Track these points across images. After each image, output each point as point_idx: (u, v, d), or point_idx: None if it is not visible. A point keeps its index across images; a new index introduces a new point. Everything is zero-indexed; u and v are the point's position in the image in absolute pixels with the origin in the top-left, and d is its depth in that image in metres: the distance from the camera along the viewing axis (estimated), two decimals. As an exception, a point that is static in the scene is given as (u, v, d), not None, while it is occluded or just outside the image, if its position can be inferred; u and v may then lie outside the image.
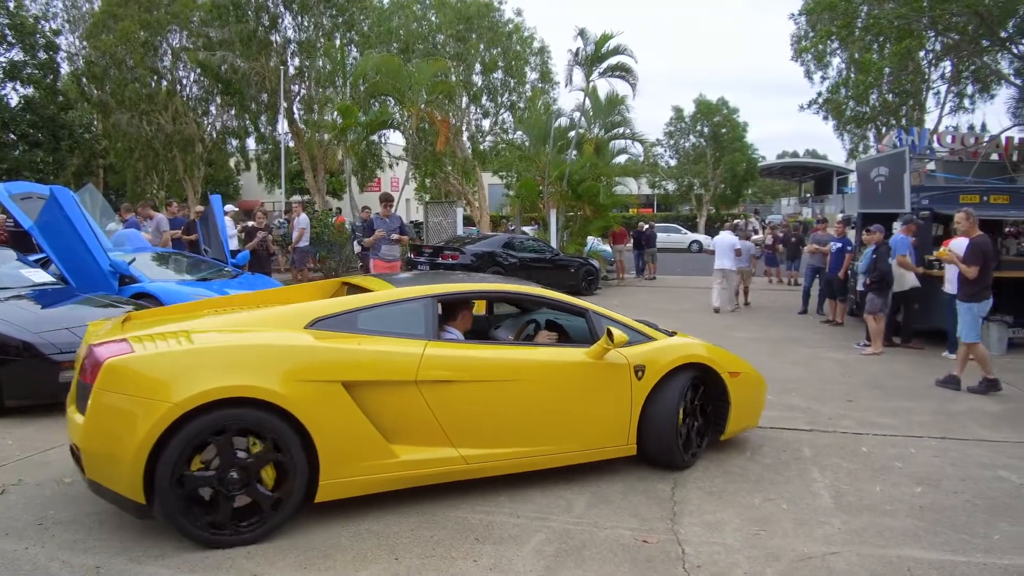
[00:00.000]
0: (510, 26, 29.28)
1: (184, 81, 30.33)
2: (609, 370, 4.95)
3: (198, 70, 28.03)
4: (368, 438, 4.18)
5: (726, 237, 15.17)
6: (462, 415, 4.48)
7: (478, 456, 4.53)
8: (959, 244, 9.13)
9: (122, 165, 32.01)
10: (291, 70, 26.12)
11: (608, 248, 22.73)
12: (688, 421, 5.25)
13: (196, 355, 3.89)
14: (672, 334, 5.61)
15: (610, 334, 4.81)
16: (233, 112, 30.23)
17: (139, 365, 3.79)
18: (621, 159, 23.69)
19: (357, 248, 15.53)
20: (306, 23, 26.12)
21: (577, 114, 22.45)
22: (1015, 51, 17.23)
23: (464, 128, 28.56)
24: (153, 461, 3.67)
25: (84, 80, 30.38)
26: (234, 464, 3.84)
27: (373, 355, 4.29)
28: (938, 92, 24.91)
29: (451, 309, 5.08)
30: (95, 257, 8.72)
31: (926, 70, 23.56)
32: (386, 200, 11.00)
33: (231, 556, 3.75)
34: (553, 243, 19.29)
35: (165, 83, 29.67)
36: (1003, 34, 16.41)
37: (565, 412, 4.83)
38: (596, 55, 20.69)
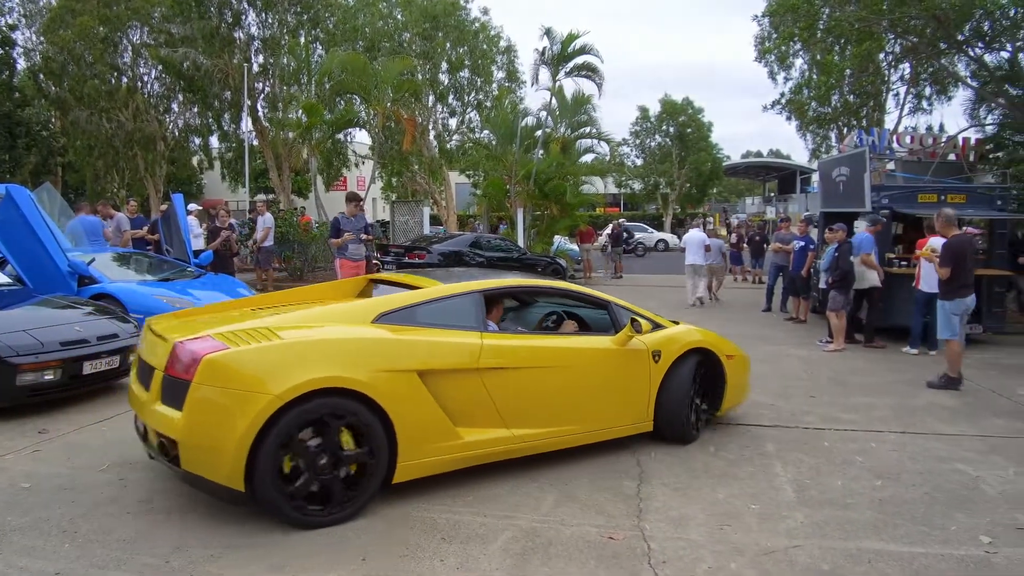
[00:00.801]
0: (476, 25, 29.27)
1: (145, 78, 29.80)
2: (632, 355, 5.49)
3: (159, 67, 27.53)
4: (438, 422, 4.53)
5: (695, 234, 15.64)
6: (513, 398, 4.89)
7: (527, 435, 4.97)
8: (938, 243, 9.38)
9: (81, 163, 31.39)
10: (255, 67, 25.79)
11: (575, 247, 22.83)
12: (695, 399, 5.84)
13: (288, 350, 4.16)
14: (676, 323, 6.13)
15: (635, 323, 5.37)
16: (196, 110, 29.76)
17: (237, 360, 4.01)
18: (587, 158, 23.83)
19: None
20: (270, 20, 25.80)
21: (544, 113, 22.53)
22: (971, 54, 17.60)
23: (431, 127, 28.48)
24: (252, 450, 3.89)
25: (41, 76, 29.72)
26: (326, 450, 4.11)
27: (442, 346, 4.68)
28: (897, 93, 25.36)
29: (488, 303, 5.31)
30: (53, 258, 8.54)
31: (886, 72, 23.95)
32: (353, 199, 10.92)
33: (194, 560, 3.70)
34: (520, 242, 19.31)
35: (125, 80, 29.11)
36: (960, 37, 16.74)
37: (596, 393, 5.34)
38: (562, 54, 20.77)
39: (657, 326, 5.84)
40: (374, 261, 15.03)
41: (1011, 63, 17.20)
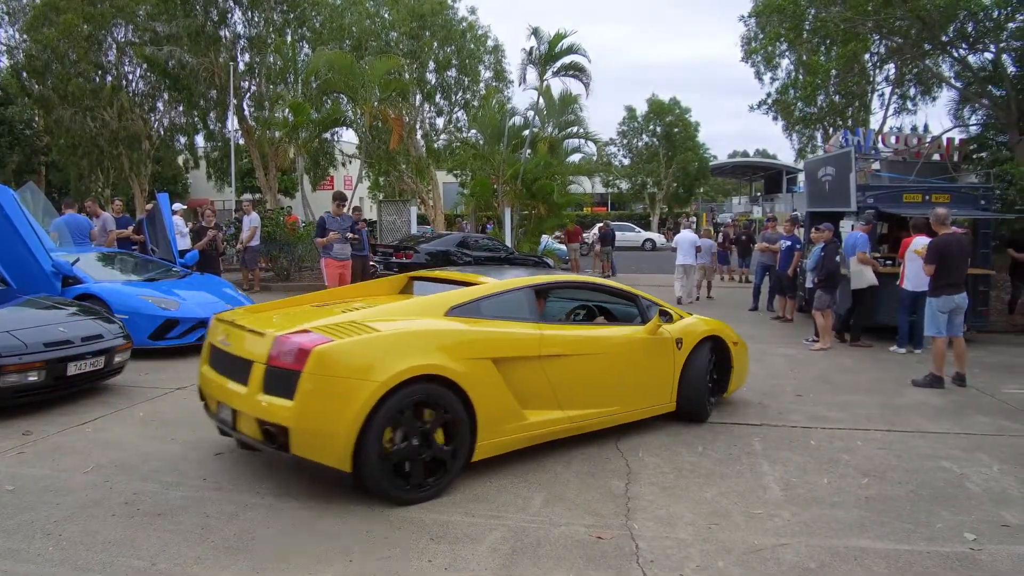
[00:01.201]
0: (464, 24, 29.22)
1: (130, 76, 29.55)
2: (661, 343, 6.12)
3: (144, 65, 27.30)
4: (509, 405, 5.01)
5: (687, 235, 15.89)
6: (567, 383, 5.40)
7: (577, 416, 5.48)
8: (921, 242, 9.48)
9: (65, 162, 31.11)
10: (241, 66, 25.63)
11: (563, 247, 22.84)
12: (709, 382, 6.51)
13: (387, 341, 4.56)
14: (691, 315, 6.74)
15: (664, 315, 6.04)
16: (181, 108, 29.52)
17: (344, 351, 4.36)
18: (575, 158, 23.85)
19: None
20: (256, 18, 25.65)
21: (531, 113, 22.53)
22: (955, 55, 17.73)
23: (418, 126, 28.41)
24: (359, 434, 4.24)
25: (24, 74, 29.41)
26: (419, 432, 4.49)
27: (510, 336, 5.19)
28: (882, 94, 25.53)
29: (536, 296, 5.75)
30: (36, 257, 8.46)
31: (871, 72, 24.10)
32: (339, 199, 10.88)
33: (181, 562, 3.67)
34: (508, 242, 19.30)
35: (110, 78, 28.84)
36: (944, 39, 16.86)
37: (633, 377, 5.95)
38: (550, 54, 20.77)
39: (679, 316, 6.48)
40: (371, 262, 14.99)
41: (994, 64, 17.36)
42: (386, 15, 28.15)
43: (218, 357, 4.98)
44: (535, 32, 20.84)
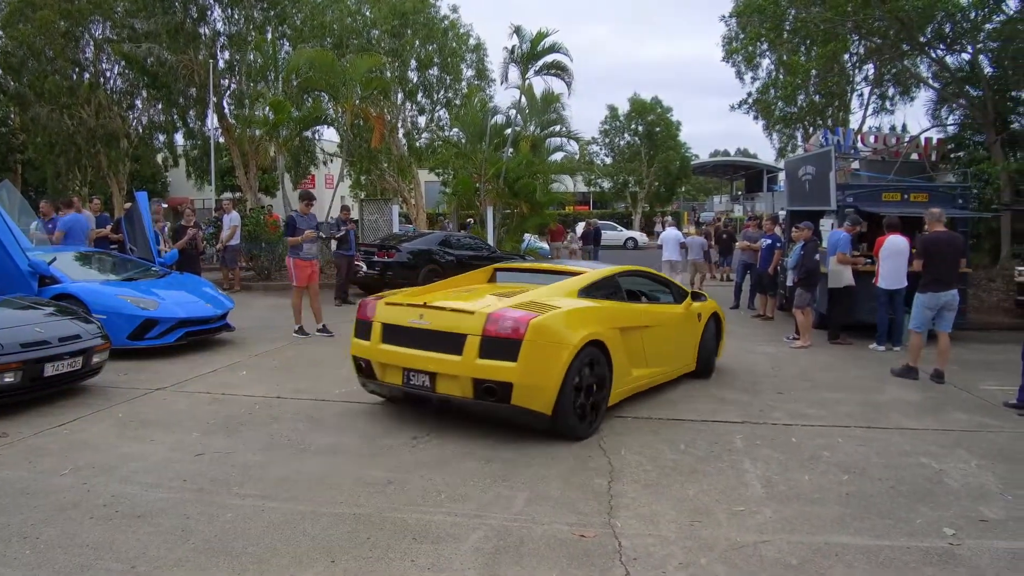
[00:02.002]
0: (446, 22, 29.07)
1: (108, 74, 29.13)
2: (692, 317, 7.94)
3: (122, 63, 26.96)
4: (626, 363, 6.47)
5: (672, 232, 16.66)
6: (650, 347, 6.93)
7: (653, 373, 7.12)
8: (893, 242, 9.71)
9: (42, 161, 30.62)
10: (221, 64, 25.36)
11: (545, 245, 22.84)
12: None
13: (569, 315, 5.92)
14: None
15: (697, 296, 8.32)
16: (160, 106, 29.12)
17: (549, 322, 5.65)
18: (557, 157, 23.86)
19: (333, 246, 15.22)
20: (236, 16, 25.36)
21: (513, 112, 22.49)
22: (933, 56, 17.90)
23: (400, 125, 28.27)
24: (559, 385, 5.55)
25: (0, 71, 28.97)
26: (587, 384, 5.85)
27: (628, 309, 6.88)
28: (861, 94, 25.68)
29: None
30: (12, 257, 8.35)
31: (850, 72, 24.24)
32: (307, 198, 10.85)
33: (160, 565, 3.63)
34: (490, 240, 19.27)
35: (87, 76, 28.43)
36: (922, 39, 17.02)
37: (679, 343, 7.69)
38: (532, 53, 20.75)
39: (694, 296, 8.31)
40: (356, 261, 14.91)
41: (971, 65, 17.54)
42: (367, 13, 27.96)
43: (408, 334, 5.91)
44: (517, 31, 20.82)
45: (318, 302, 10.73)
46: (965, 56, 17.74)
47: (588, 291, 6.59)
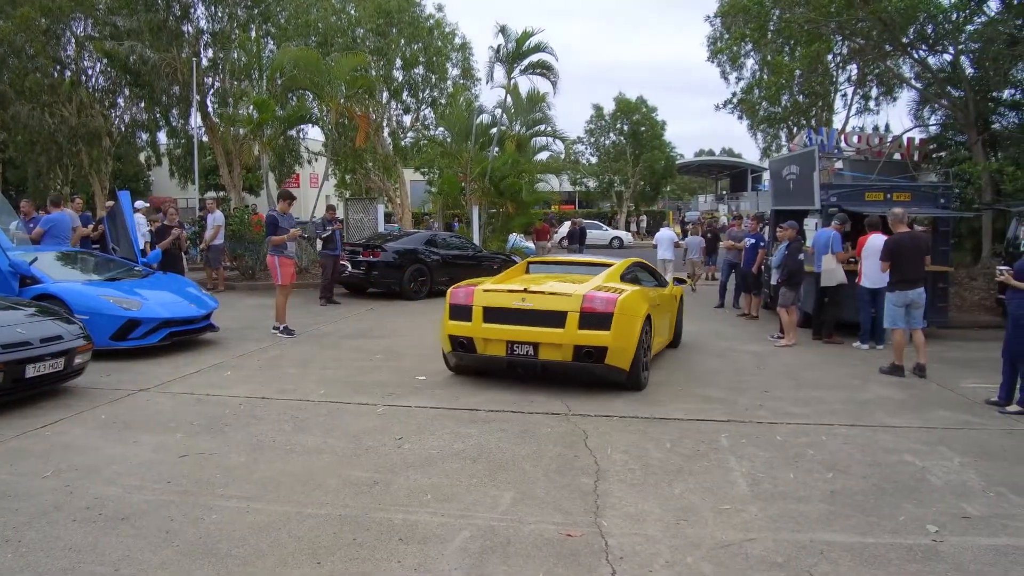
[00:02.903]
0: (431, 21, 28.98)
1: (90, 72, 28.81)
2: (675, 298, 9.97)
3: (104, 60, 26.69)
4: (653, 331, 8.10)
5: (666, 232, 17.49)
6: (659, 321, 8.55)
7: (660, 341, 8.84)
8: (875, 241, 9.69)
9: (23, 159, 30.30)
10: (204, 62, 25.16)
11: (530, 244, 22.85)
12: None
13: (636, 294, 7.76)
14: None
15: (678, 280, 10.67)
16: (143, 105, 28.85)
17: (628, 300, 7.39)
18: (543, 156, 23.88)
19: (319, 246, 15.13)
20: (220, 14, 25.17)
21: (499, 111, 22.49)
22: (915, 56, 18.03)
23: (385, 124, 28.16)
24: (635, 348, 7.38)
25: (-22, 69, 28.61)
26: (645, 345, 7.69)
27: (652, 291, 8.68)
28: (845, 94, 25.85)
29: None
30: (-8, 256, 8.26)
31: (834, 73, 24.38)
32: (287, 197, 10.80)
33: (144, 568, 3.60)
34: (476, 240, 19.26)
35: (69, 73, 28.13)
36: (904, 40, 17.14)
37: (669, 319, 9.45)
38: (517, 52, 20.75)
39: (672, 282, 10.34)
40: (342, 261, 14.85)
41: (953, 65, 17.69)
42: (352, 11, 27.83)
43: (511, 314, 7.35)
44: (503, 30, 20.81)
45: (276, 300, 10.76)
46: (947, 57, 17.89)
47: (624, 277, 8.46)
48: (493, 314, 7.40)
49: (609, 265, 8.75)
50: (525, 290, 7.45)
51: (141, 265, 10.71)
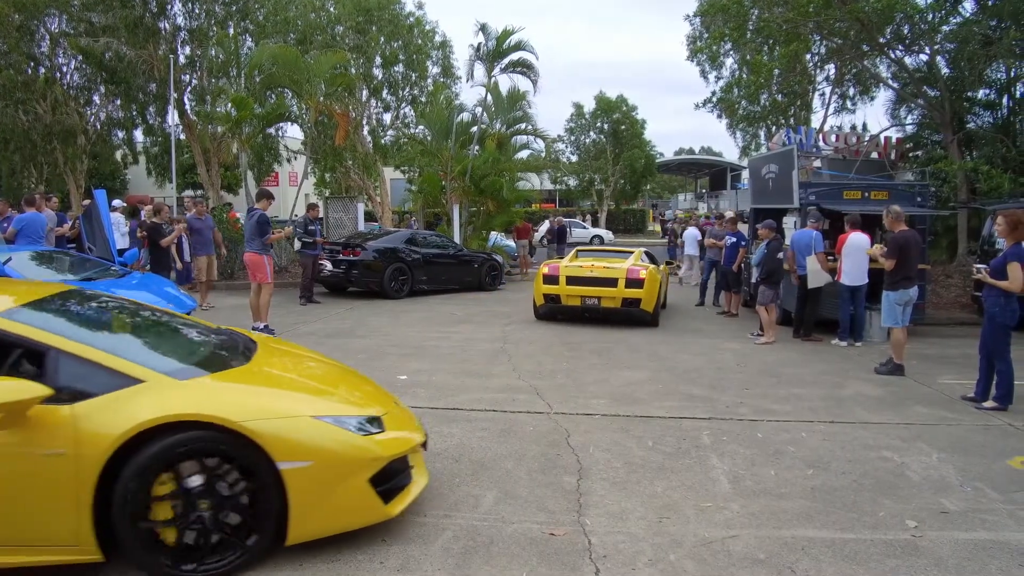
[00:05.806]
0: (411, 19, 28.91)
1: (64, 69, 28.46)
2: (665, 273, 13.75)
3: (79, 57, 26.36)
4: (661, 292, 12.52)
5: (692, 231, 19.13)
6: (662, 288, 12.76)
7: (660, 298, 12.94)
8: (855, 239, 9.84)
9: (-4, 157, 29.89)
10: (181, 59, 24.91)
11: (511, 243, 22.84)
12: None
13: (653, 269, 11.85)
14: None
15: (668, 263, 16.59)
16: (119, 102, 28.53)
17: (652, 271, 11.61)
18: (523, 154, 23.79)
19: (298, 245, 14.99)
20: (197, 10, 24.93)
21: (479, 109, 22.41)
22: (892, 56, 18.23)
23: (365, 122, 28.06)
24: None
25: (-49, 66, 28.16)
26: (663, 299, 13.10)
27: (660, 269, 12.68)
28: (823, 93, 26.11)
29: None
30: (-36, 256, 8.11)
31: (812, 72, 24.62)
32: (268, 196, 10.72)
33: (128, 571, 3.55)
34: (456, 238, 19.21)
35: (43, 70, 27.77)
36: (881, 40, 17.33)
37: (664, 286, 13.21)
38: (498, 51, 20.69)
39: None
40: (320, 260, 14.75)
41: (929, 66, 17.91)
42: (331, 9, 27.68)
43: (584, 279, 11.54)
44: (483, 28, 20.73)
45: (259, 299, 10.67)
46: (923, 57, 18.12)
47: (642, 259, 12.27)
48: (572, 280, 11.58)
49: (631, 252, 12.61)
50: (592, 266, 11.69)
51: (118, 265, 10.58)
